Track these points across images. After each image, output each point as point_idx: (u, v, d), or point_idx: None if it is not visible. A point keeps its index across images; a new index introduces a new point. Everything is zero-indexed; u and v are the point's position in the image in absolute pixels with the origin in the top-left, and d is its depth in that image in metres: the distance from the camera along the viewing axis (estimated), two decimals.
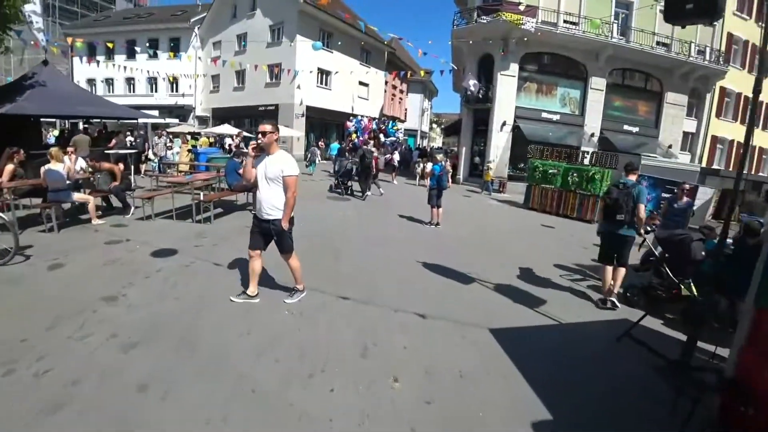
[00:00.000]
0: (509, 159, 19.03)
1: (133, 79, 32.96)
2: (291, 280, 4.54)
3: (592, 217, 12.66)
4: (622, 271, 5.24)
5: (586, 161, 14.88)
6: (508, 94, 18.51)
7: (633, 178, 5.27)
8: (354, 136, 17.09)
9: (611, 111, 20.12)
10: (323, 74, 27.56)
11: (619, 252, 5.21)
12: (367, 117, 17.41)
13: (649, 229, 5.55)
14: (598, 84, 19.41)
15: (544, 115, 19.10)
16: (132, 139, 15.69)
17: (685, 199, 7.29)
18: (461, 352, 3.63)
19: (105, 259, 5.44)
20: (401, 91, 41.85)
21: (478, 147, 20.37)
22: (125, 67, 29.12)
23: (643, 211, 5.03)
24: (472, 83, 17.70)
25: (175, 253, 5.86)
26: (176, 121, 28.01)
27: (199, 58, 30.54)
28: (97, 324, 3.65)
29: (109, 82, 34.28)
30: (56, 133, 20.46)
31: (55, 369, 2.95)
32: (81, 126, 15.27)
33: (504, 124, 18.59)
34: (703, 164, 21.10)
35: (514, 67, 18.46)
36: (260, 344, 3.48)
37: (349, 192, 13.61)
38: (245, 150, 13.63)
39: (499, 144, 18.81)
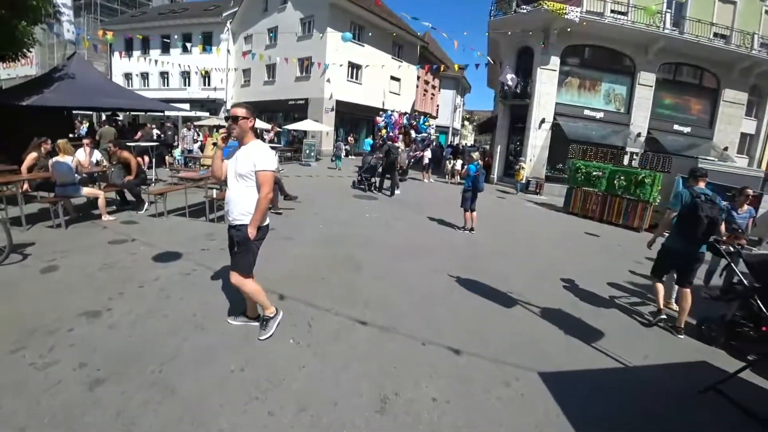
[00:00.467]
0: (547, 159, 17.85)
1: (167, 73, 33.35)
2: (310, 295, 3.86)
3: (639, 224, 11.52)
4: (687, 294, 4.37)
5: (633, 163, 13.66)
6: (547, 90, 17.33)
7: (702, 185, 4.42)
8: (384, 131, 16.31)
9: (660, 109, 18.59)
10: (354, 68, 26.95)
11: (686, 270, 4.38)
12: (397, 112, 16.57)
13: (732, 249, 4.56)
14: (646, 79, 17.93)
15: (587, 112, 17.81)
16: (158, 132, 15.49)
17: (746, 207, 6.17)
18: (508, 410, 2.82)
19: (102, 262, 4.91)
20: (433, 87, 40.81)
21: (513, 145, 19.26)
22: (157, 61, 29.28)
23: (725, 228, 4.12)
24: (510, 77, 16.63)
25: (179, 257, 5.29)
26: (207, 114, 28.06)
27: (228, 51, 30.41)
28: (67, 348, 3.06)
29: (144, 76, 34.85)
30: (87, 125, 20.70)
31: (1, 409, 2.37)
32: (104, 117, 15.09)
33: (543, 121, 17.43)
34: (763, 168, 19.27)
35: (555, 61, 17.25)
36: (253, 386, 2.80)
37: (372, 188, 13.06)
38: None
39: (537, 143, 17.67)
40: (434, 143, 18.46)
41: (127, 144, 11.77)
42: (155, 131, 15.45)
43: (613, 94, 18.23)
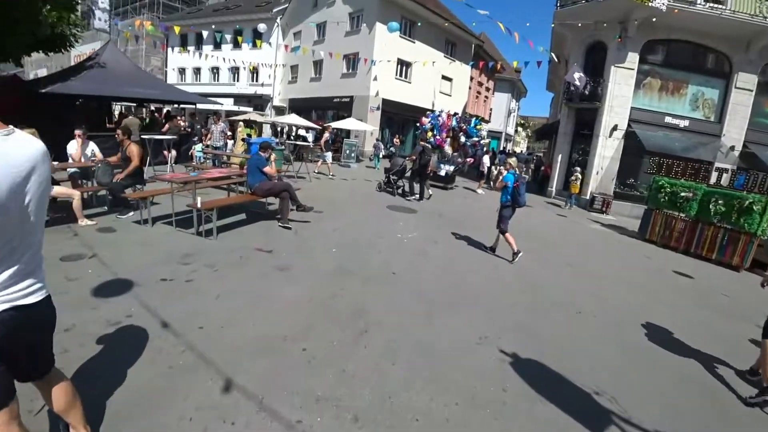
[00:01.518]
0: (617, 172, 15.38)
1: (217, 68, 33.45)
2: (275, 387, 2.30)
3: (740, 263, 9.13)
4: None
5: (722, 180, 11.10)
6: (622, 92, 14.88)
7: None
8: (430, 134, 14.58)
9: (761, 118, 15.54)
10: (403, 65, 25.37)
11: None
12: (446, 112, 14.76)
13: None
14: (745, 82, 14.98)
15: (668, 119, 15.14)
16: (184, 125, 14.68)
17: None
18: None
19: None
20: (487, 89, 38.44)
21: (577, 155, 16.89)
22: (207, 56, 29.26)
23: None
24: (578, 76, 14.37)
25: (128, 289, 3.93)
26: (250, 109, 27.51)
27: (270, 44, 29.73)
28: None
29: (196, 71, 35.17)
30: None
31: None
32: (124, 108, 14.35)
33: (615, 128, 14.99)
34: None
35: (633, 58, 14.77)
36: None
37: (400, 192, 11.91)
38: (276, 143, 11.87)
39: (606, 153, 15.24)
40: (485, 149, 16.47)
41: (146, 137, 10.90)
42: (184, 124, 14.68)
43: (701, 99, 15.43)
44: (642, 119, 15.04)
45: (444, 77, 28.51)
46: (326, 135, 15.23)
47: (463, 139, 14.40)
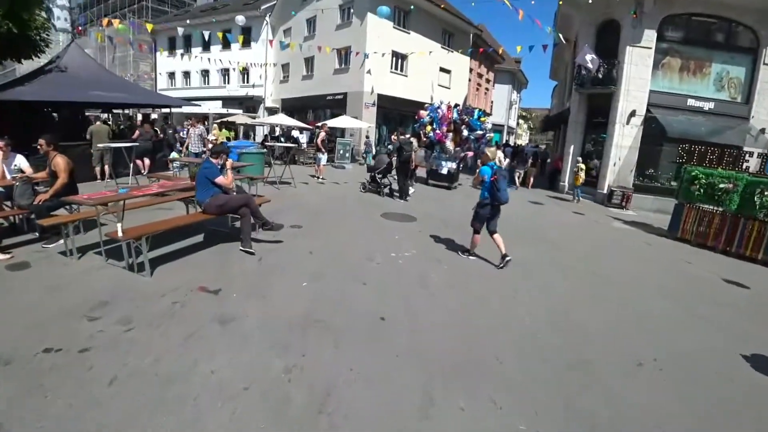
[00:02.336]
0: (636, 162, 13.91)
1: (207, 71, 32.17)
2: None
3: None
4: None
5: (751, 167, 9.68)
6: (640, 74, 13.39)
7: None
8: (429, 128, 13.20)
9: None
10: (398, 58, 23.94)
11: None
12: (445, 104, 13.36)
13: None
14: None
15: (691, 102, 13.64)
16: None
17: None
18: None
19: None
20: (488, 81, 36.93)
21: (590, 145, 15.43)
22: (193, 57, 27.99)
23: None
24: (590, 58, 12.89)
25: None
26: (240, 111, 26.20)
27: (255, 42, 28.46)
28: None
29: (186, 74, 33.91)
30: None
31: None
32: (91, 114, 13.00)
33: (633, 114, 13.51)
34: None
35: (650, 36, 13.26)
36: None
37: (387, 191, 10.97)
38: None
39: (623, 142, 13.76)
40: (486, 143, 15.03)
41: (118, 145, 9.59)
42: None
43: (726, 79, 13.92)
44: (662, 103, 13.55)
45: (442, 69, 27.04)
46: (322, 135, 13.94)
47: (465, 132, 12.98)
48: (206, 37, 24.17)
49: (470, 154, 13.38)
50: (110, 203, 4.42)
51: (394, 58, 23.54)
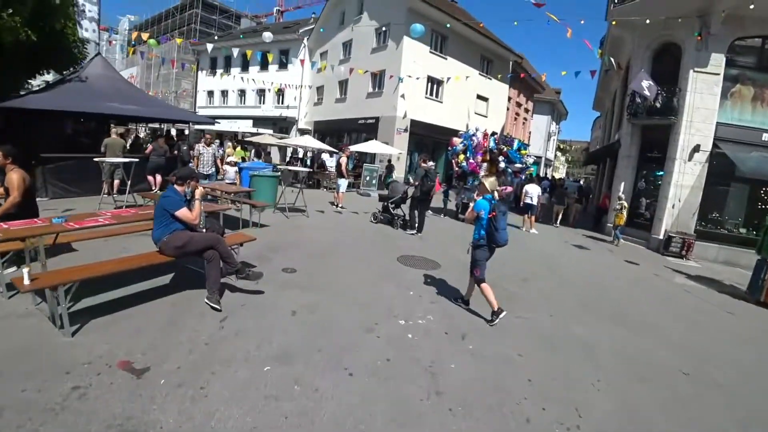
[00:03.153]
0: (699, 205, 12.08)
1: (244, 90, 32.45)
2: None
3: None
4: None
5: None
6: (705, 103, 11.72)
7: None
8: (462, 157, 11.95)
9: None
10: (434, 84, 23.04)
11: None
12: (481, 131, 12.10)
13: None
14: None
15: (767, 137, 11.84)
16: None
17: None
18: None
19: None
20: (526, 110, 35.50)
21: (644, 182, 13.67)
22: (232, 76, 28.09)
23: None
24: (647, 85, 11.39)
25: None
26: (269, 131, 25.85)
27: (290, 63, 28.31)
28: None
29: (224, 93, 34.27)
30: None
31: None
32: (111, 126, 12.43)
33: (696, 149, 11.77)
34: None
35: (718, 60, 11.61)
36: None
37: (401, 222, 9.91)
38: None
39: (684, 180, 11.99)
40: (524, 177, 13.58)
41: (119, 160, 8.88)
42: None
43: None
44: (732, 137, 11.75)
45: (479, 97, 25.93)
46: (343, 159, 12.95)
47: (502, 164, 11.64)
48: (233, 55, 24.17)
49: (508, 189, 11.97)
50: (33, 237, 3.32)
51: (429, 84, 22.67)
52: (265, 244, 6.50)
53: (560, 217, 14.49)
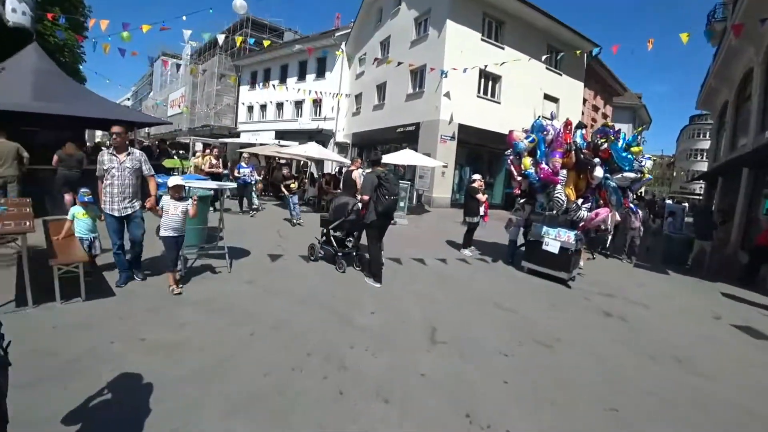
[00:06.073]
0: None
1: (282, 104, 29.47)
2: None
3: None
4: None
5: None
6: None
7: None
8: (527, 161, 6.82)
9: None
10: (488, 80, 18.05)
11: None
12: (561, 121, 7.01)
13: None
14: None
15: None
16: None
17: None
18: None
19: None
20: (604, 116, 29.10)
21: None
22: (264, 91, 24.96)
23: None
24: None
25: None
26: (295, 143, 22.10)
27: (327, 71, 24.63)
28: None
29: (263, 107, 31.55)
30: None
31: None
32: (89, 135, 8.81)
33: None
34: None
35: None
36: None
37: (357, 260, 6.24)
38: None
39: None
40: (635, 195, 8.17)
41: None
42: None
43: None
44: None
45: (547, 97, 20.41)
46: (356, 173, 8.86)
47: (599, 172, 6.46)
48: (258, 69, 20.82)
49: (601, 215, 6.68)
50: None
51: (482, 80, 17.72)
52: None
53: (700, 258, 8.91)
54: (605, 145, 6.46)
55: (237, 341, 3.46)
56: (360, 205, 5.57)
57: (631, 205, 7.00)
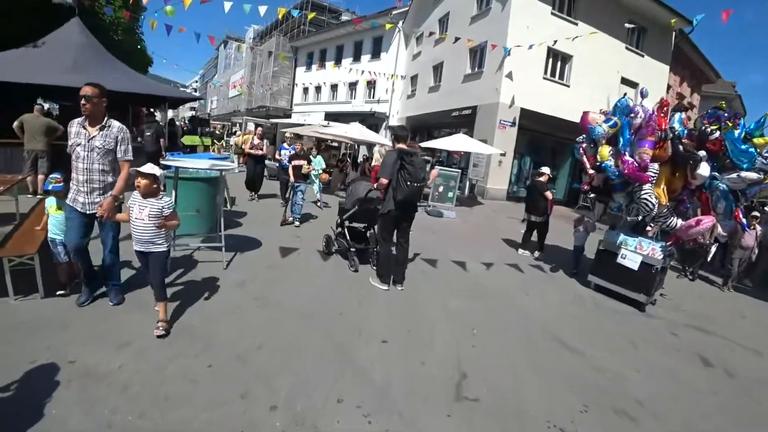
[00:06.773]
0: None
1: (336, 85, 28.86)
2: None
3: None
4: None
5: None
6: None
7: None
8: (605, 150, 5.39)
9: None
10: (557, 59, 16.11)
11: None
12: (650, 101, 5.52)
13: None
14: None
15: None
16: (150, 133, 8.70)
17: None
18: None
19: None
20: (691, 106, 25.55)
21: None
22: (319, 73, 24.41)
23: None
24: None
25: None
26: (327, 122, 21.17)
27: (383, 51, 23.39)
28: None
29: (318, 89, 31.12)
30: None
31: None
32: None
33: None
34: None
35: None
36: None
37: (372, 256, 5.18)
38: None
39: None
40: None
41: None
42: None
43: None
44: None
45: (625, 81, 17.91)
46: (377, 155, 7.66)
47: (705, 170, 4.95)
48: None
49: (749, 240, 5.07)
50: None
51: (550, 59, 15.82)
52: None
53: None
54: (717, 134, 4.93)
55: (181, 377, 2.56)
56: (367, 196, 4.58)
57: (743, 220, 5.36)
